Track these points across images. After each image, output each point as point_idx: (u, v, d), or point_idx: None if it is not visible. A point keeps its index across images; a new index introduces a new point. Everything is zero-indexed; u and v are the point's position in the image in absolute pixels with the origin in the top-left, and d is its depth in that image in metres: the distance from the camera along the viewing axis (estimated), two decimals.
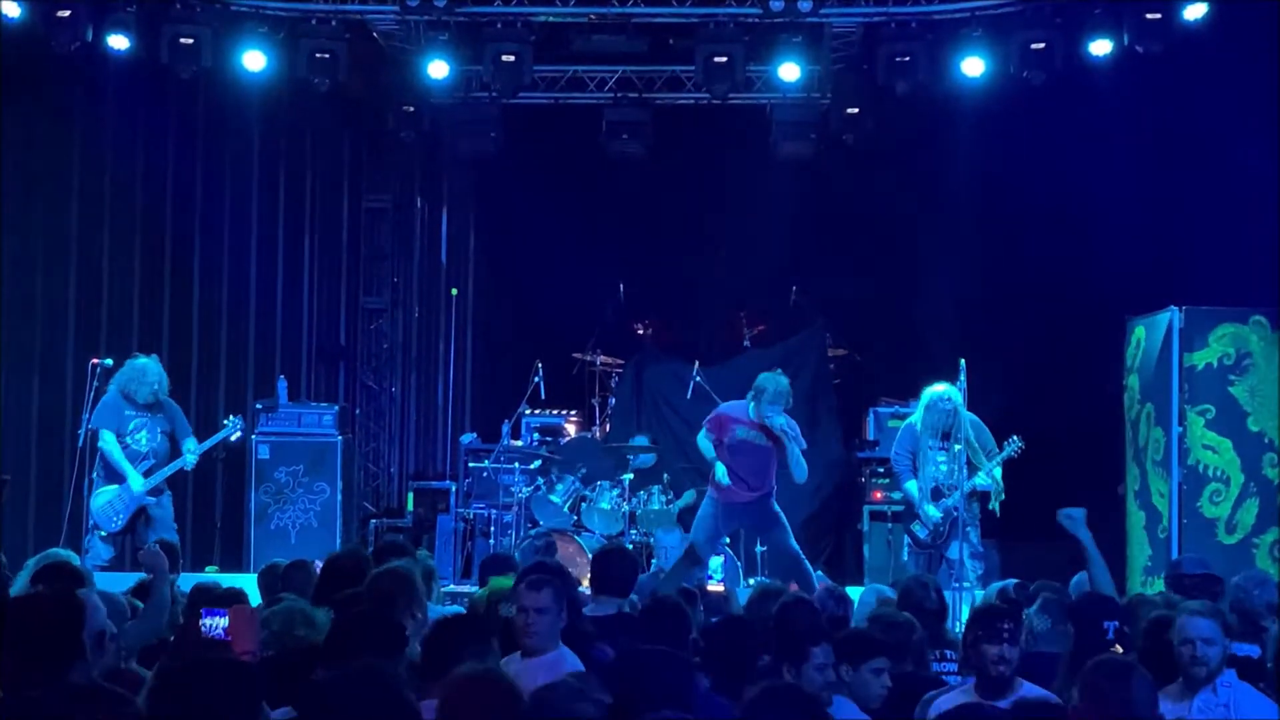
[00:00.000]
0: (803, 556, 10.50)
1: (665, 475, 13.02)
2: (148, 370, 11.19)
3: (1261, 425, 10.24)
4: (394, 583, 6.01)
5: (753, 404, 10.42)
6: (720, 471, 10.43)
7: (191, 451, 11.28)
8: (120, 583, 7.97)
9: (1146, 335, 10.77)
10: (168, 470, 11.23)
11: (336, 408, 13.34)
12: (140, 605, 6.83)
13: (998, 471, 10.65)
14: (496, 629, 6.12)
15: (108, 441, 11.09)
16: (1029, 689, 5.72)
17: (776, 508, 10.64)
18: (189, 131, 13.90)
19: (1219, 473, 10.27)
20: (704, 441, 10.63)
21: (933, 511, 10.73)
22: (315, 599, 6.54)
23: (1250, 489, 10.19)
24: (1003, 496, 10.68)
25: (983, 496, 10.77)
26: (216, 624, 5.31)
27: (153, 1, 12.40)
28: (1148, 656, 5.78)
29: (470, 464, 13.65)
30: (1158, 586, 9.43)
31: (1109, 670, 4.96)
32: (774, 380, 10.45)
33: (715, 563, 11.40)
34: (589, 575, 8.60)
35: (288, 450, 12.85)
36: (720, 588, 10.15)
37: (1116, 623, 6.13)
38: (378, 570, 6.14)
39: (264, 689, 4.40)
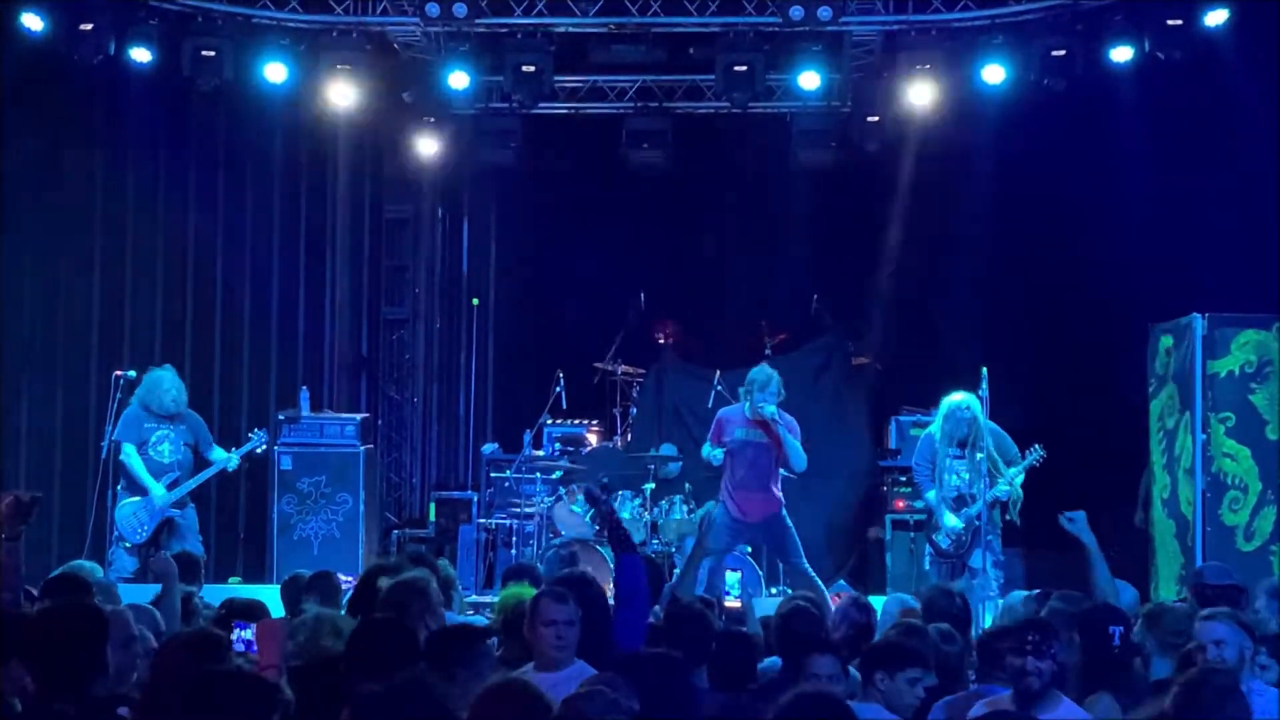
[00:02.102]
0: (813, 574, 10.49)
1: (687, 485, 13.02)
2: (163, 381, 11.27)
3: None
4: (406, 594, 6.03)
5: (747, 402, 10.48)
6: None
7: (225, 456, 11.35)
8: (144, 594, 7.99)
9: (1180, 343, 10.73)
10: (200, 479, 11.30)
11: (359, 418, 13.36)
12: None
13: (1019, 480, 10.62)
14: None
15: (129, 455, 11.18)
16: (1069, 708, 5.68)
17: (788, 523, 10.65)
18: (210, 144, 13.95)
19: (1238, 480, 10.24)
20: (709, 450, 10.68)
21: (952, 521, 10.71)
22: (351, 609, 6.54)
23: (1268, 497, 10.15)
24: (1019, 505, 10.66)
25: (1003, 506, 10.75)
26: (244, 637, 5.34)
27: (175, 14, 12.46)
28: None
29: (492, 474, 13.66)
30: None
31: (1213, 683, 4.92)
32: (763, 372, 10.55)
33: (733, 579, 11.38)
34: (611, 585, 8.62)
35: (310, 461, 12.87)
36: (738, 604, 10.12)
37: (1121, 629, 6.12)
38: (391, 582, 6.15)
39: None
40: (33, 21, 11.88)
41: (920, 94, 12.73)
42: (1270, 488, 10.18)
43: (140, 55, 12.32)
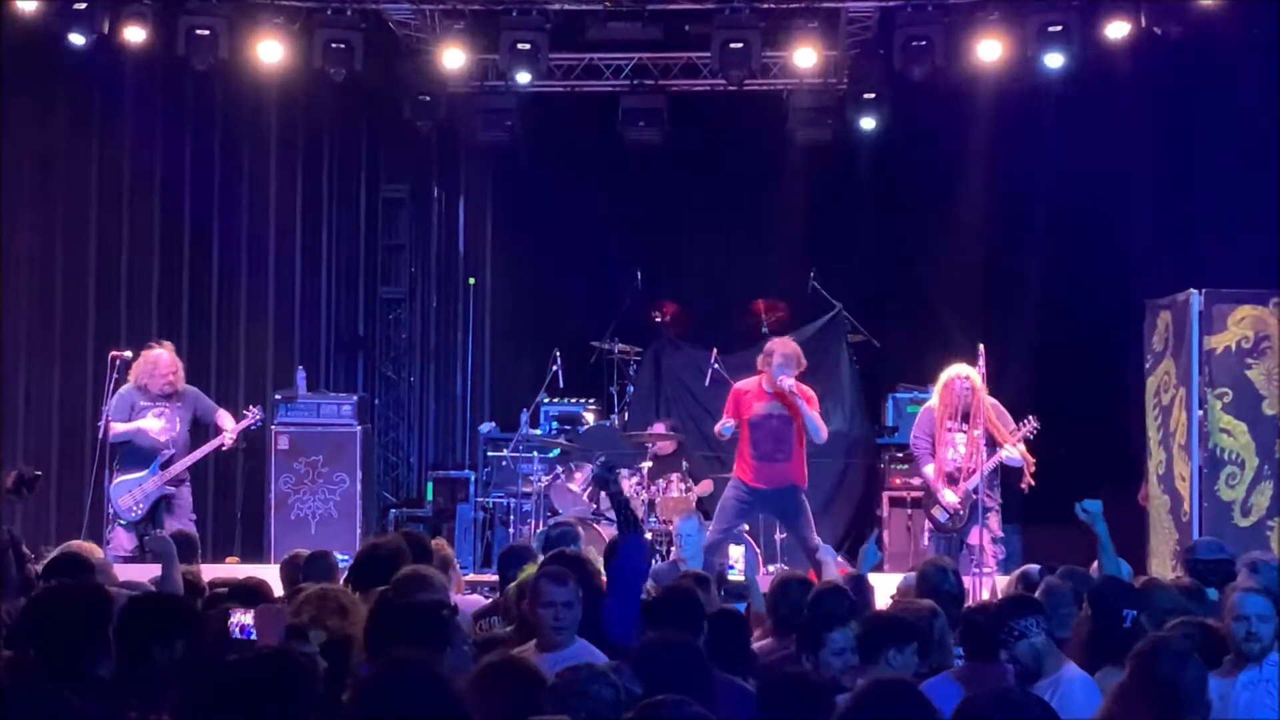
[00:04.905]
0: (822, 555, 10.47)
1: (684, 463, 13.03)
2: (160, 361, 11.25)
3: (1278, 409, 10.20)
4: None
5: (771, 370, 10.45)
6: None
7: (228, 431, 11.35)
8: (143, 574, 8.01)
9: (1177, 319, 10.73)
10: (195, 456, 11.29)
11: (355, 398, 13.36)
12: None
13: (1020, 449, 10.66)
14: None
15: (115, 428, 11.16)
16: (1069, 668, 5.74)
17: (802, 498, 10.63)
18: (206, 123, 13.93)
19: (1235, 456, 10.25)
20: (726, 427, 10.65)
21: (949, 496, 10.72)
22: (354, 586, 6.54)
23: (1265, 472, 10.16)
24: (1034, 468, 10.68)
25: (1015, 474, 10.76)
26: (243, 622, 5.32)
27: None
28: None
29: (489, 453, 13.66)
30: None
31: (1164, 652, 4.95)
32: (781, 343, 10.50)
33: (736, 553, 11.38)
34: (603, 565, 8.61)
35: (307, 441, 12.87)
36: (740, 577, 10.13)
37: (1135, 612, 6.14)
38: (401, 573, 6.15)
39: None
40: (26, 2, 11.84)
41: (916, 70, 12.70)
42: (1267, 463, 10.19)
43: (134, 35, 12.29)
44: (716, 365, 13.06)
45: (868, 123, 13.82)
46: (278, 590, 7.44)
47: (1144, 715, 4.83)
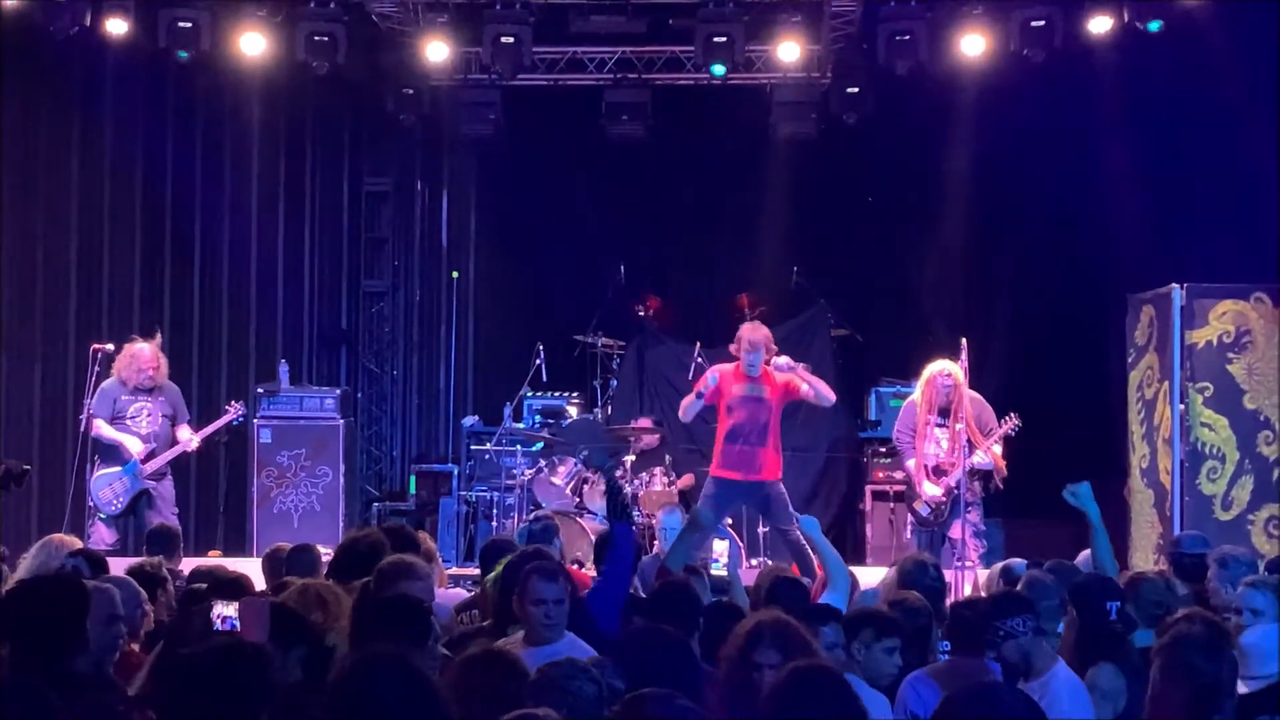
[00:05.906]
0: (804, 544, 10.43)
1: (668, 457, 13.02)
2: (141, 355, 11.24)
3: (1258, 403, 10.25)
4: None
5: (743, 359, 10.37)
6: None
7: (191, 437, 11.37)
8: (123, 568, 7.97)
9: (1160, 313, 10.76)
10: (169, 455, 11.29)
11: (338, 391, 13.34)
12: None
13: (996, 449, 10.64)
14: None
15: (100, 428, 11.15)
16: (1060, 670, 5.72)
17: (780, 489, 10.58)
18: (188, 116, 13.89)
19: (1215, 450, 10.29)
20: (693, 404, 10.51)
21: (931, 489, 10.72)
22: (335, 579, 6.53)
23: (1245, 466, 10.21)
24: (1004, 474, 10.68)
25: (985, 476, 10.76)
26: (226, 614, 5.30)
27: None
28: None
29: (472, 447, 13.66)
30: None
31: (1196, 643, 4.91)
32: (750, 329, 10.41)
33: (720, 548, 11.34)
34: (593, 557, 8.63)
35: (290, 434, 12.85)
36: (724, 572, 10.10)
37: (1119, 603, 6.14)
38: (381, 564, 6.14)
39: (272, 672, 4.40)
40: None
41: (900, 65, 12.71)
42: (1248, 457, 10.23)
43: (115, 27, 12.24)
44: (700, 359, 13.05)
45: (851, 117, 13.80)
46: (259, 584, 7.42)
47: (1184, 708, 4.76)
